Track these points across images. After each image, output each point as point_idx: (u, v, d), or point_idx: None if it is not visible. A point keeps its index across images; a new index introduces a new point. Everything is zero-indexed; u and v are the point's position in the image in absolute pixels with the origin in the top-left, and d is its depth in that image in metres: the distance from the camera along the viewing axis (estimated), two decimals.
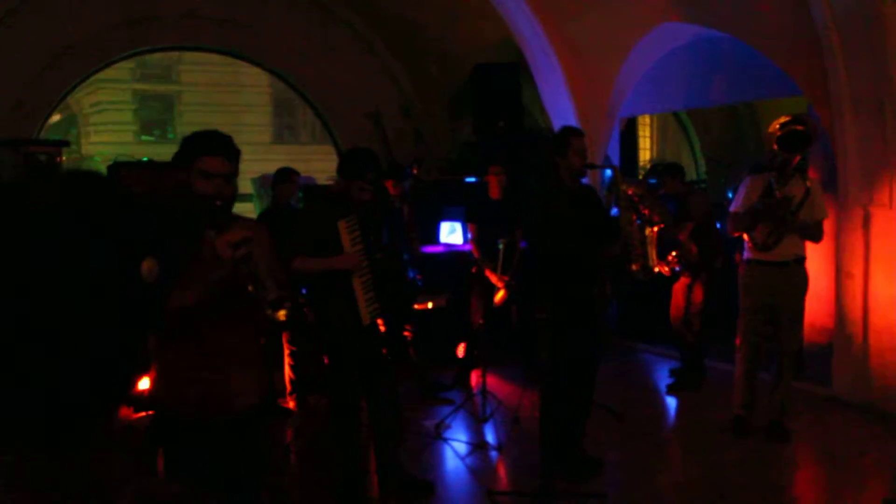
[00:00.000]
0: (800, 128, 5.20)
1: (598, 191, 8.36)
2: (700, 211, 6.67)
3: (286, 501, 4.76)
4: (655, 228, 5.16)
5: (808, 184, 5.39)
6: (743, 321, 5.65)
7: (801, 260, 5.54)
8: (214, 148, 2.99)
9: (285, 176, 6.51)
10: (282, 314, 2.76)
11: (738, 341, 5.70)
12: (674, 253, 6.65)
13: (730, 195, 9.15)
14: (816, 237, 5.53)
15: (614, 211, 5.20)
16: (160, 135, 24.95)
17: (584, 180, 5.07)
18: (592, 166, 5.17)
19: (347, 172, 4.42)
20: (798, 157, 5.30)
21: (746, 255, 5.63)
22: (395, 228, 5.67)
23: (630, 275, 5.04)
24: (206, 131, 3.05)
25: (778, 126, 5.25)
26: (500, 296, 6.54)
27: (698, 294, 6.77)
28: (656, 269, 5.19)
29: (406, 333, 6.72)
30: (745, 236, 5.56)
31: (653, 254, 5.15)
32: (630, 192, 5.05)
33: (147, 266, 1.06)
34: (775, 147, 5.24)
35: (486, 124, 9.79)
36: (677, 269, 6.72)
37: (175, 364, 2.96)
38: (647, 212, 5.65)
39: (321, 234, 4.31)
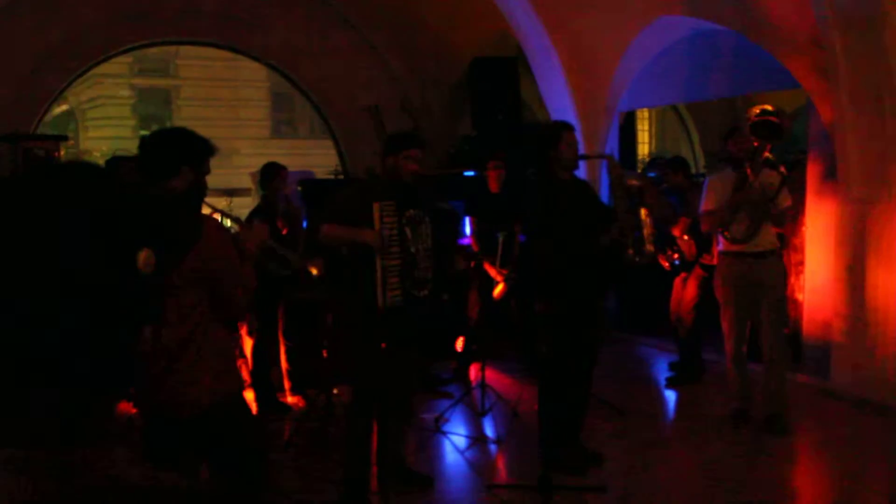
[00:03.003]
0: (774, 120, 5.22)
1: (597, 183, 8.41)
2: (696, 206, 6.64)
3: (285, 498, 4.76)
4: (646, 211, 5.19)
5: (783, 170, 5.44)
6: (727, 315, 5.66)
7: (775, 250, 5.64)
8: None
9: (273, 172, 6.51)
10: None
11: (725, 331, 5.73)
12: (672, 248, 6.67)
13: None
14: (783, 223, 5.72)
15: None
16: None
17: (582, 174, 5.08)
18: (585, 157, 5.20)
19: (394, 147, 4.45)
20: (769, 147, 5.32)
21: (722, 248, 5.65)
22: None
23: (627, 260, 5.05)
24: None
25: (757, 112, 5.27)
26: (499, 289, 6.54)
27: (691, 289, 6.76)
28: (650, 248, 5.20)
29: None
30: (720, 229, 5.59)
31: (647, 235, 5.17)
32: (631, 183, 5.06)
33: (144, 258, 1.06)
34: (748, 128, 5.27)
35: (485, 118, 9.79)
36: (676, 262, 6.72)
37: (224, 355, 3.14)
38: (649, 201, 5.65)
39: (356, 211, 4.32)
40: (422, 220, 4.50)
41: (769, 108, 5.27)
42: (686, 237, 6.63)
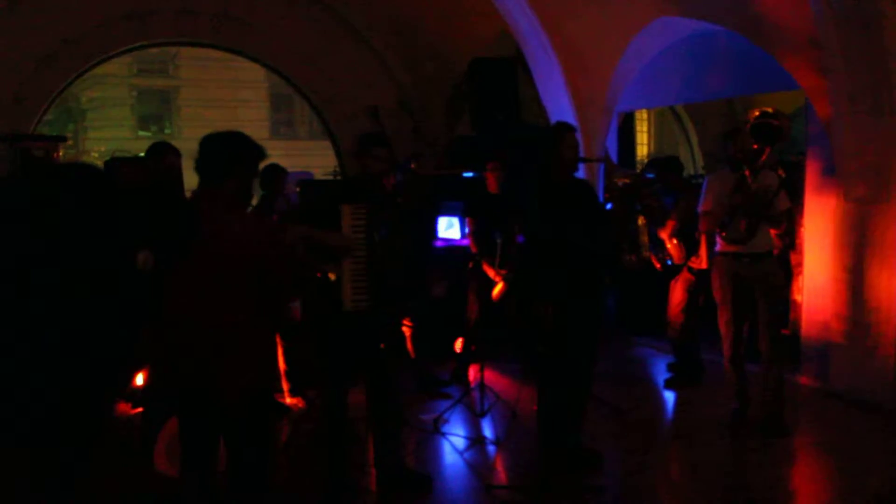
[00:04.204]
0: (775, 122, 5.23)
1: (595, 184, 8.42)
2: (686, 208, 6.60)
3: (284, 498, 4.77)
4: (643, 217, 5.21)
5: (781, 172, 5.44)
6: (724, 315, 5.66)
7: (772, 251, 5.67)
8: None
9: (273, 174, 6.53)
10: None
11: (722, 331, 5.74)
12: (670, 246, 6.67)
13: None
14: (781, 225, 5.72)
15: (609, 205, 5.23)
16: (157, 130, 24.91)
17: (580, 174, 5.09)
18: (585, 160, 5.20)
19: (361, 148, 4.51)
20: (769, 150, 5.32)
21: (720, 248, 5.65)
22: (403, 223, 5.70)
23: (625, 264, 5.07)
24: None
25: (757, 114, 5.27)
26: (498, 289, 6.54)
27: (678, 292, 6.75)
28: (646, 254, 5.23)
29: (405, 329, 6.72)
30: (717, 229, 5.59)
31: (644, 240, 5.19)
32: (619, 183, 5.08)
33: (143, 258, 1.07)
34: (748, 130, 5.27)
35: (484, 119, 9.79)
36: (668, 262, 6.71)
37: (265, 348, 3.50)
38: (647, 202, 5.66)
39: (325, 214, 4.32)
40: (393, 223, 4.51)
41: (769, 110, 5.27)
42: (674, 241, 6.61)
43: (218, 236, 3.10)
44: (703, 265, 6.49)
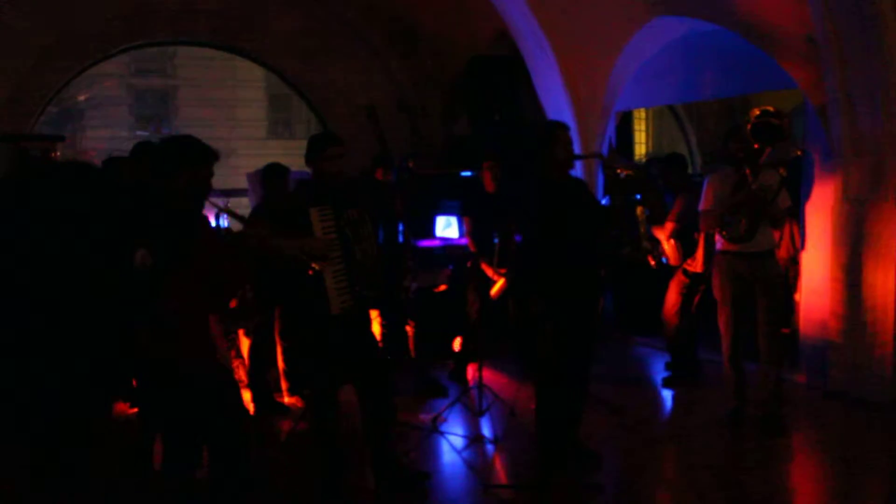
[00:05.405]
0: (775, 121, 5.23)
1: (594, 183, 8.42)
2: (683, 209, 6.58)
3: (282, 498, 4.78)
4: (641, 209, 5.21)
5: (782, 172, 5.45)
6: (724, 314, 5.67)
7: (773, 250, 5.68)
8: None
9: (274, 173, 6.51)
10: None
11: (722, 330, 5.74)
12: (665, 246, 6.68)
13: None
14: (781, 224, 5.86)
15: (606, 199, 5.23)
16: (155, 129, 24.89)
17: (578, 173, 5.09)
18: (580, 157, 5.19)
19: (313, 151, 4.48)
20: (769, 150, 5.32)
21: (720, 247, 5.66)
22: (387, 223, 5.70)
23: (623, 258, 5.07)
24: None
25: (757, 113, 5.28)
26: (497, 287, 6.54)
27: (673, 294, 6.75)
28: (646, 244, 5.25)
29: (408, 329, 6.72)
30: (718, 229, 5.60)
31: (643, 232, 5.21)
32: (621, 173, 5.07)
33: (140, 256, 1.07)
34: (748, 130, 5.28)
35: (482, 118, 9.79)
36: (664, 260, 6.71)
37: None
38: (648, 198, 5.65)
39: (294, 220, 4.30)
40: (362, 220, 4.50)
41: (769, 109, 5.27)
42: (672, 241, 6.60)
43: None
44: (699, 269, 6.50)
